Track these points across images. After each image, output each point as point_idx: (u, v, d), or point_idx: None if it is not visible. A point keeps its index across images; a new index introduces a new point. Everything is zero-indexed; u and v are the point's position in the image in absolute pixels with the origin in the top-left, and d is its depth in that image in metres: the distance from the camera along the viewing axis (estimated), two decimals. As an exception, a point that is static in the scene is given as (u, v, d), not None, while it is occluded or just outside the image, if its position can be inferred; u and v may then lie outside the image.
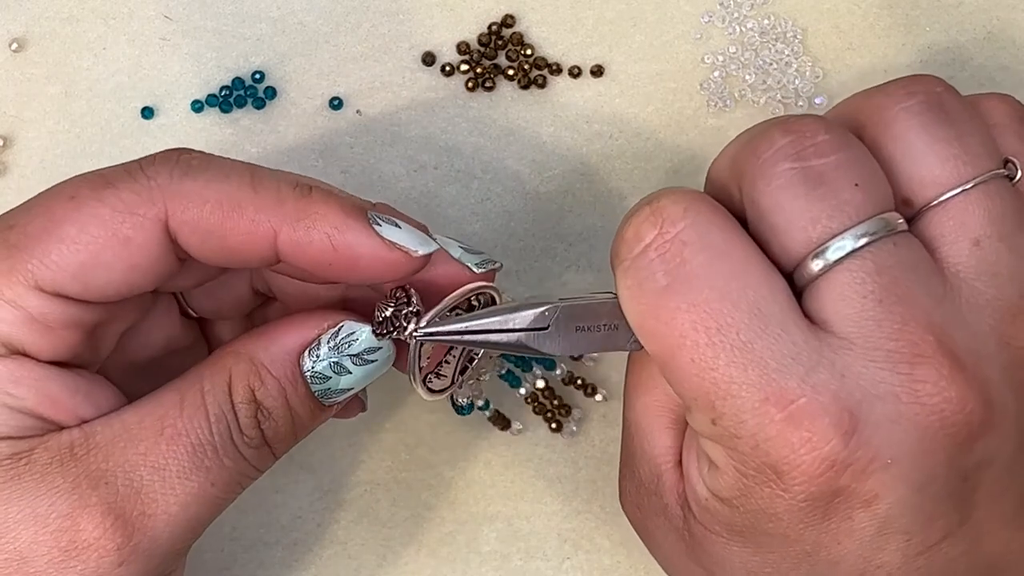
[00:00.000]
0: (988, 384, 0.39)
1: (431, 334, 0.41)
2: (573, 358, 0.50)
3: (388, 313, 0.42)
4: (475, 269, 0.43)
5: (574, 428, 0.51)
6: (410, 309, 0.42)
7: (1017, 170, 0.41)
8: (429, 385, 0.44)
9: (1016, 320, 0.40)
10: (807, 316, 0.39)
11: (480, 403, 0.50)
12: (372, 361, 0.42)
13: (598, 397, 0.51)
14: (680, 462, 0.43)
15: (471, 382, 0.49)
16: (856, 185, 0.40)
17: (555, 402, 0.50)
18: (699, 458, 0.41)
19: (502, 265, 0.44)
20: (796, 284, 0.40)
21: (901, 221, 0.40)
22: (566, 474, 0.51)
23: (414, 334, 0.41)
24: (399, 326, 0.42)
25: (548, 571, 0.51)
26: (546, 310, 0.41)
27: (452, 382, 0.45)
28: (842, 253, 0.39)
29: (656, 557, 0.45)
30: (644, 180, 0.51)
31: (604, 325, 0.42)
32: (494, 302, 0.44)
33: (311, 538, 0.51)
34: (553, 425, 0.50)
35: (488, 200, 0.51)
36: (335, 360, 0.42)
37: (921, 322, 0.39)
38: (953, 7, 0.51)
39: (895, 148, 0.41)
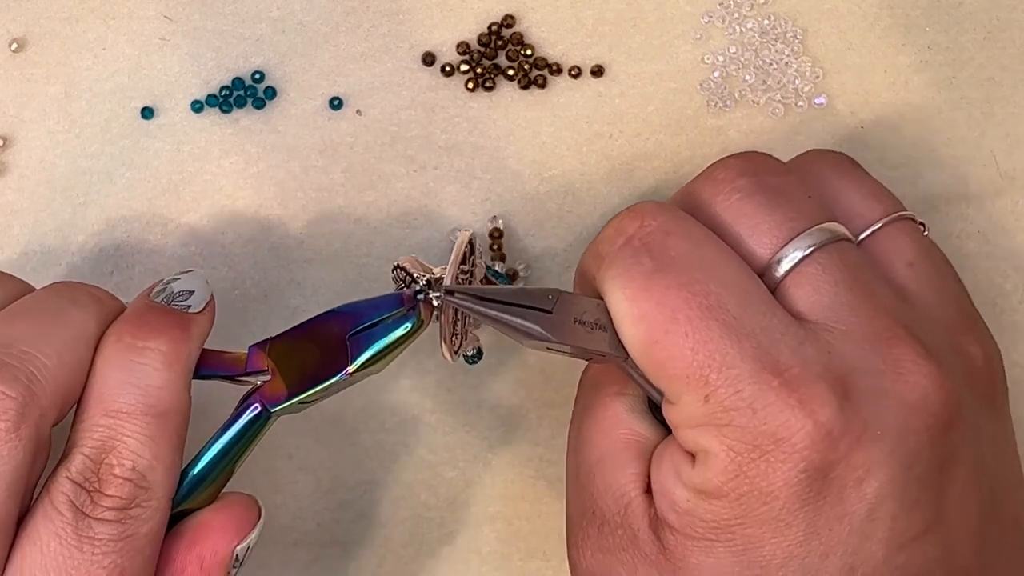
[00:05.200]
0: (955, 381, 0.41)
1: (456, 303, 0.43)
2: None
3: (411, 292, 0.44)
4: None
5: (469, 352, 0.50)
6: (421, 282, 0.44)
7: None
8: (456, 349, 0.46)
9: (964, 335, 0.43)
10: None
11: (473, 351, 0.50)
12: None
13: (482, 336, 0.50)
14: (648, 489, 0.42)
15: (472, 331, 0.49)
16: (809, 196, 0.43)
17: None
18: (677, 461, 0.41)
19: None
20: (766, 286, 0.41)
21: (846, 232, 0.42)
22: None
23: (440, 297, 0.44)
24: (427, 298, 0.44)
25: (548, 571, 0.51)
26: (549, 293, 0.42)
27: (464, 338, 0.47)
28: (808, 250, 0.41)
29: None
30: (644, 180, 0.51)
31: (594, 323, 0.42)
32: (473, 247, 0.46)
33: (311, 538, 0.51)
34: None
35: (488, 200, 0.51)
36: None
37: (890, 313, 0.41)
38: (953, 7, 0.51)
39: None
